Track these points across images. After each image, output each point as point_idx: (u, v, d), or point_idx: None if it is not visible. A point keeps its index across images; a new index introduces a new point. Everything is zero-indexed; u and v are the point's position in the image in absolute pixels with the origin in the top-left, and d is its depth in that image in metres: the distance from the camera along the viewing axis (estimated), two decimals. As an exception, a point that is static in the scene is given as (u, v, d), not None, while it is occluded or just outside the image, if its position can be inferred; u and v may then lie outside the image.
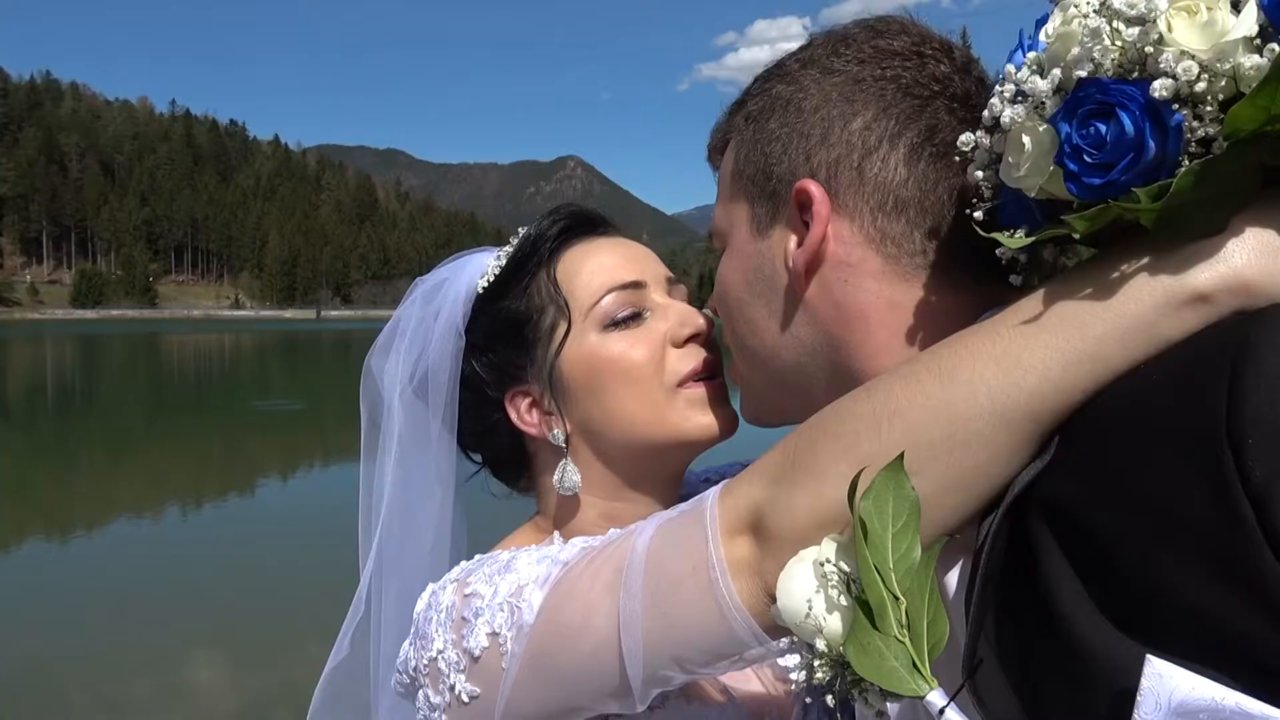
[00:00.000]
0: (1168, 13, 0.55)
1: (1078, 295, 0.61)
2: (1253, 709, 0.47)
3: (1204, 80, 0.55)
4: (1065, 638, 0.55)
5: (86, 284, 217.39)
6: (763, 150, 0.84)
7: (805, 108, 0.82)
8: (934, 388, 0.66)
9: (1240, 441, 0.48)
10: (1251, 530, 0.47)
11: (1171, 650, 0.50)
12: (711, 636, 0.75)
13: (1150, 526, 0.52)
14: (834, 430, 0.71)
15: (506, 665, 0.86)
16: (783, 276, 0.83)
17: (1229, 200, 0.57)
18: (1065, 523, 0.57)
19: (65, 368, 41.91)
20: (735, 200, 0.89)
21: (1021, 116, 0.62)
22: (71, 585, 8.11)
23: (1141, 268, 0.59)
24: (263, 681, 6.04)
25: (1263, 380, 0.49)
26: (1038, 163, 0.62)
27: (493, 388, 1.13)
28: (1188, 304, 0.57)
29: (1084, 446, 0.59)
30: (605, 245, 1.14)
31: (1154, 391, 0.56)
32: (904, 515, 0.62)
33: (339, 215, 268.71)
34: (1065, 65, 0.59)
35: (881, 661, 0.60)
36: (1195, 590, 0.49)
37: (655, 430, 1.06)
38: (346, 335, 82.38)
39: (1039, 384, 0.61)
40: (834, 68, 0.82)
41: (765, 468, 0.76)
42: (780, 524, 0.71)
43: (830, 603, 0.64)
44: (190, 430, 19.85)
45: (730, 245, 0.90)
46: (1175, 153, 0.56)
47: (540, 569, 0.89)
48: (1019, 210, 0.66)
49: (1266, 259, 0.57)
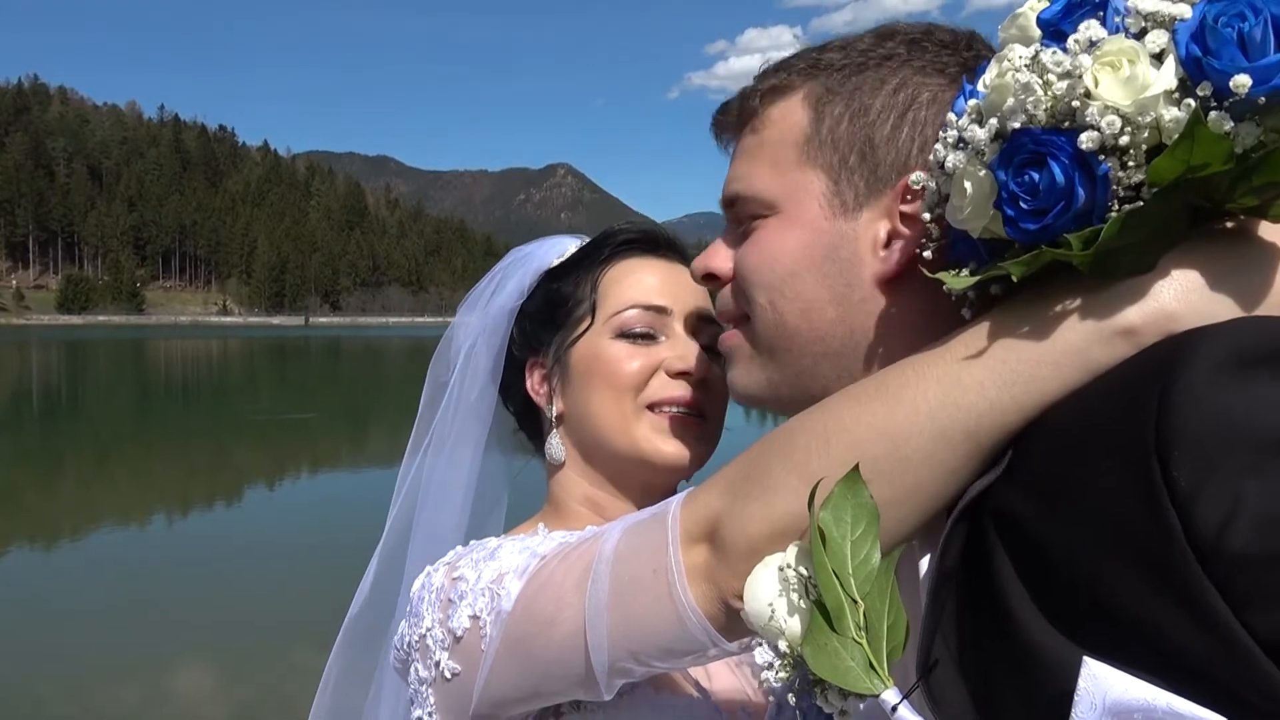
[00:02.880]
0: (1093, 68, 0.58)
1: (1017, 324, 0.64)
2: (1183, 709, 0.48)
3: (1127, 133, 0.57)
4: (1014, 639, 0.57)
5: (73, 289, 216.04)
6: (865, 126, 0.80)
7: (920, 100, 0.79)
8: (879, 406, 0.69)
9: (1167, 453, 0.50)
10: (1178, 539, 0.49)
11: (1111, 654, 0.51)
12: (669, 636, 0.79)
13: (1089, 536, 0.54)
14: (785, 446, 0.74)
15: (485, 648, 0.92)
16: (867, 265, 0.79)
17: (1159, 242, 0.60)
18: (1014, 531, 0.59)
19: (51, 374, 41.59)
20: (804, 167, 0.82)
21: (963, 162, 0.65)
22: (56, 593, 8.05)
23: (1075, 301, 0.62)
24: (251, 690, 6.00)
25: (1190, 394, 0.51)
26: (979, 206, 0.64)
27: (520, 351, 1.26)
28: (1119, 335, 0.61)
29: (1032, 458, 0.61)
30: (658, 267, 1.22)
31: (1094, 406, 0.59)
32: (863, 523, 0.65)
33: (328, 222, 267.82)
34: (1001, 115, 0.62)
35: (837, 661, 0.62)
36: (1131, 597, 0.51)
37: (616, 439, 1.14)
38: (335, 342, 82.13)
39: (976, 402, 0.64)
40: (940, 62, 0.81)
41: (723, 479, 0.79)
42: (734, 534, 0.74)
43: (791, 606, 0.66)
44: (176, 437, 19.73)
45: (786, 214, 0.83)
46: (1104, 199, 0.59)
47: (520, 559, 0.95)
48: (967, 248, 0.69)
49: (1191, 295, 0.60)
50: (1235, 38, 0.55)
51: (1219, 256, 0.61)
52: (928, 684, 0.62)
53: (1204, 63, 0.56)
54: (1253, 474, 0.48)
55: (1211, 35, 0.56)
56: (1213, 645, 0.48)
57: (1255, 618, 0.47)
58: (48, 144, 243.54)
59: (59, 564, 9.35)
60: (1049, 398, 0.62)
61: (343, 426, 19.73)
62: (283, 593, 7.73)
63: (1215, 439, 0.50)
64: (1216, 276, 0.60)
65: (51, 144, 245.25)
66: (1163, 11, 0.58)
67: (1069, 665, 0.52)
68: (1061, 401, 0.62)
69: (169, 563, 9.24)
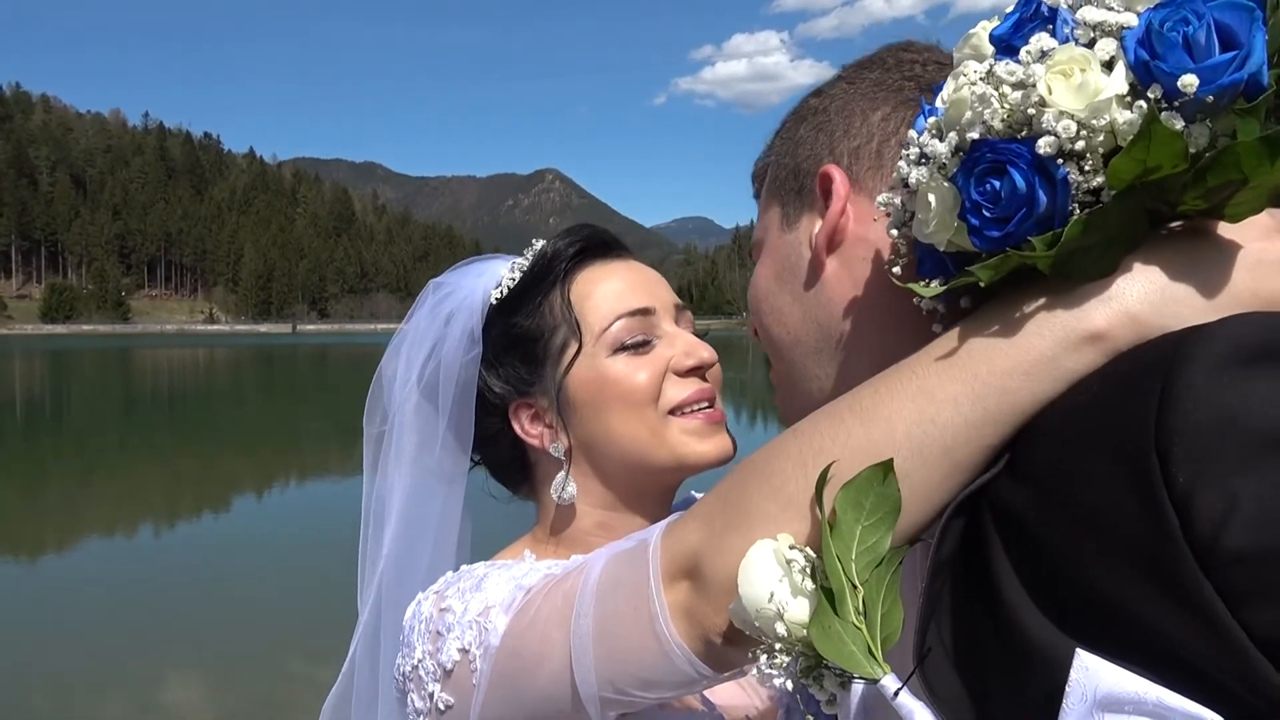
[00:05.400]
0: (1046, 76, 0.60)
1: (986, 333, 0.65)
2: (1173, 703, 0.49)
3: (1083, 137, 0.59)
4: (1009, 631, 0.57)
5: (57, 299, 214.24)
6: (792, 154, 0.89)
7: (831, 110, 0.87)
8: (855, 426, 0.68)
9: (1166, 450, 0.50)
10: (1176, 536, 0.49)
11: (1105, 648, 0.52)
12: (657, 671, 0.79)
13: (1087, 531, 0.54)
14: (763, 471, 0.73)
15: (476, 682, 0.91)
16: (806, 258, 0.86)
17: (1119, 244, 0.62)
18: (1011, 523, 0.59)
19: (35, 384, 41.26)
20: (769, 207, 0.92)
21: (926, 177, 0.66)
22: (43, 604, 7.99)
23: (1042, 307, 0.63)
24: (241, 700, 5.93)
25: (1190, 391, 0.52)
26: (944, 219, 0.65)
27: (498, 398, 1.17)
28: (1086, 341, 0.61)
29: (1032, 452, 0.61)
30: (618, 269, 1.18)
31: (1095, 402, 0.59)
32: (881, 511, 0.65)
33: (315, 229, 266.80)
34: (960, 129, 0.63)
35: (840, 645, 0.63)
36: (1127, 593, 0.51)
37: (651, 453, 1.10)
38: (324, 349, 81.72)
39: (951, 418, 0.64)
40: (859, 77, 0.88)
41: (702, 510, 0.78)
42: (715, 568, 0.73)
43: (795, 587, 0.66)
44: (162, 447, 19.60)
45: (763, 248, 0.93)
46: (1065, 204, 0.61)
47: (505, 591, 0.94)
48: (934, 263, 0.70)
49: (1154, 295, 0.61)
50: (1181, 41, 0.57)
51: (1179, 257, 0.62)
52: (923, 671, 0.62)
53: (1152, 66, 0.58)
54: (1251, 471, 0.49)
55: (1158, 40, 0.57)
56: (1209, 642, 0.48)
57: (1252, 615, 0.47)
58: (30, 152, 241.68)
59: (45, 575, 9.28)
60: (1022, 411, 0.63)
61: (332, 433, 19.63)
62: (273, 602, 7.69)
63: (1214, 436, 0.50)
64: (1178, 276, 0.61)
65: (34, 152, 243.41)
66: (1109, 21, 0.60)
67: (1062, 657, 0.53)
68: (1062, 397, 0.62)
69: (157, 573, 9.19)
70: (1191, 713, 0.48)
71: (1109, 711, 0.50)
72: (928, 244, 0.69)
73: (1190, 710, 0.48)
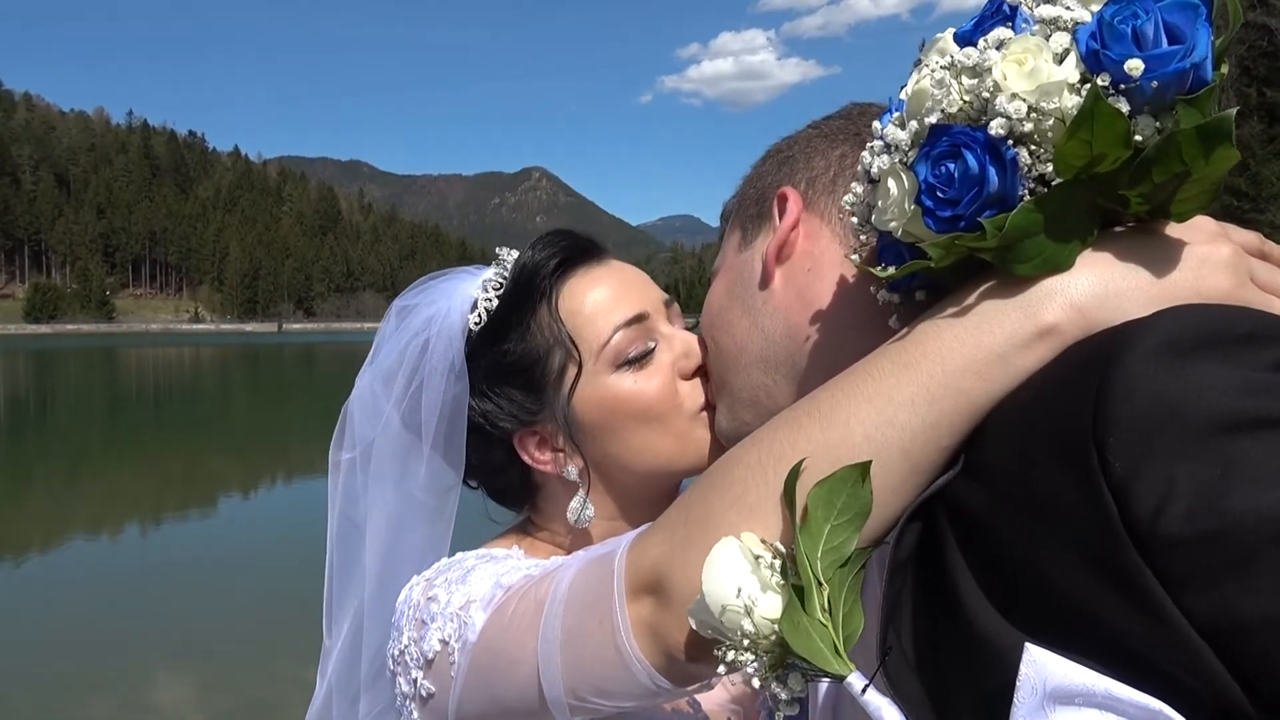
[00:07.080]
0: (1001, 63, 0.63)
1: (939, 332, 0.66)
2: (1121, 694, 0.49)
3: (1033, 119, 0.61)
4: (965, 628, 0.58)
5: (40, 298, 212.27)
6: (756, 185, 0.94)
7: (794, 149, 0.92)
8: (815, 431, 0.68)
9: (1104, 439, 0.51)
10: (1115, 523, 0.50)
11: (1054, 639, 0.52)
12: (617, 682, 0.79)
13: (1032, 523, 0.55)
14: (724, 481, 0.73)
15: (454, 674, 0.92)
16: (757, 273, 0.89)
17: (1072, 240, 0.63)
18: (964, 521, 0.60)
19: (19, 383, 40.91)
20: (730, 234, 0.97)
21: (887, 165, 0.68)
22: (29, 605, 7.93)
23: (994, 303, 0.65)
24: (231, 701, 5.91)
25: (1126, 381, 0.52)
26: (900, 205, 0.67)
27: (500, 430, 1.11)
28: (1037, 337, 0.63)
29: (982, 448, 0.63)
30: (603, 275, 1.12)
31: (1039, 396, 0.60)
32: (850, 513, 0.66)
33: (301, 227, 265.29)
34: (920, 116, 0.66)
35: (809, 641, 0.63)
36: (1071, 583, 0.52)
37: (680, 459, 1.08)
38: (310, 348, 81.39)
39: (909, 419, 0.65)
40: (823, 124, 0.93)
41: (665, 523, 0.78)
42: (678, 582, 0.73)
43: (764, 583, 0.66)
44: (148, 446, 19.48)
45: (720, 270, 0.97)
46: (1014, 185, 0.63)
47: (487, 587, 0.94)
48: (893, 255, 0.72)
49: (1100, 289, 0.63)
50: (1130, 33, 0.60)
51: (1126, 253, 0.64)
52: (885, 668, 0.63)
53: (1101, 54, 0.60)
54: (1187, 458, 0.49)
55: (1108, 31, 0.60)
56: (1152, 629, 0.48)
57: (1191, 600, 0.47)
58: (13, 151, 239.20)
59: (30, 576, 9.21)
60: (977, 410, 0.63)
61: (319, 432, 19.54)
62: (260, 601, 7.66)
63: (1150, 423, 0.51)
64: (1124, 271, 0.63)
65: (17, 151, 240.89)
66: (1064, 17, 0.63)
67: (1014, 652, 0.53)
68: (1011, 394, 0.63)
69: (143, 573, 9.14)
70: (1140, 702, 0.48)
71: (1060, 704, 0.50)
72: (888, 236, 0.71)
73: (1138, 700, 0.48)
